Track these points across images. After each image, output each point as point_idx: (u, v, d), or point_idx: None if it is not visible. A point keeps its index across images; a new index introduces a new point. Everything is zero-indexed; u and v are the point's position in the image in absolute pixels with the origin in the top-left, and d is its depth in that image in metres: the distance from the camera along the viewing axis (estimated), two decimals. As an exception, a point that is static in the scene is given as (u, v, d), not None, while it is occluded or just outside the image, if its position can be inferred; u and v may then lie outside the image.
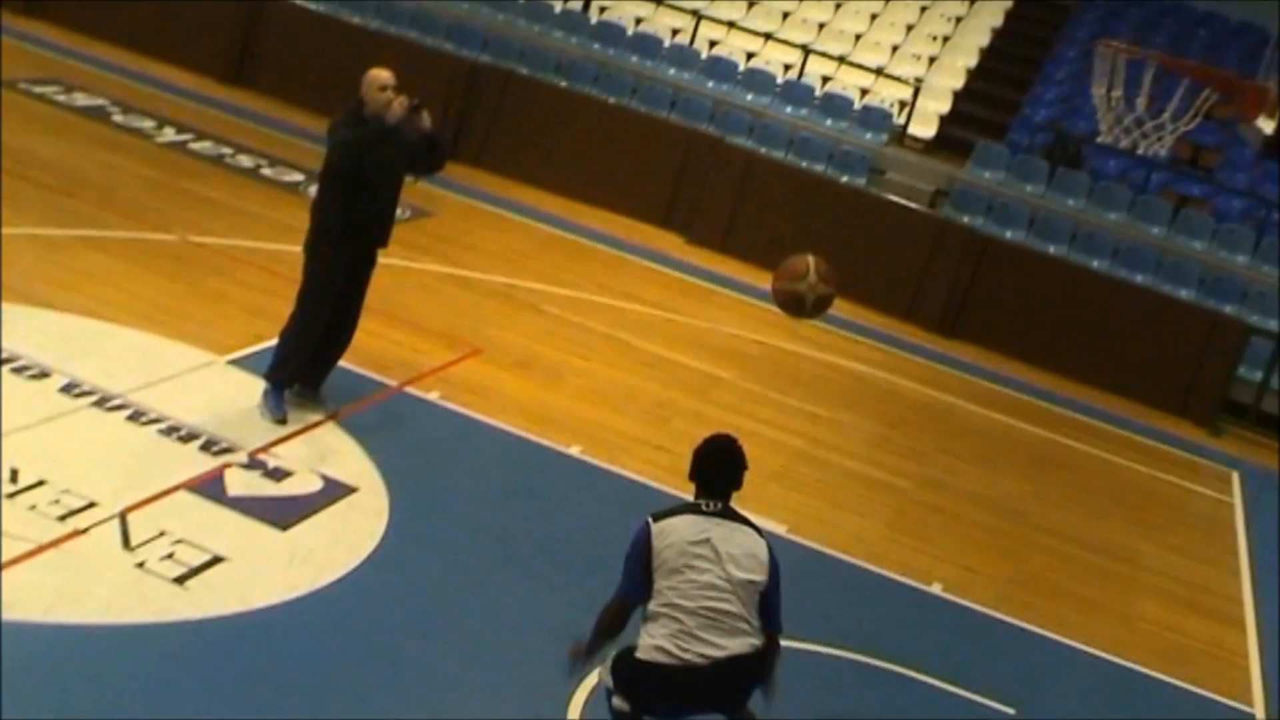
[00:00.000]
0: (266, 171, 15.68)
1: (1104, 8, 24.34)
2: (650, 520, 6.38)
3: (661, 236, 17.64)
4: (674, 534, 6.31)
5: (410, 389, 10.58)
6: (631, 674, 6.29)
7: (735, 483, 6.55)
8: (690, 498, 6.53)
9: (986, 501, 11.90)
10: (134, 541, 7.44)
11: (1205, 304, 17.44)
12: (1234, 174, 20.27)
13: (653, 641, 6.20)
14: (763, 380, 13.25)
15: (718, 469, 6.55)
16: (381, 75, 9.23)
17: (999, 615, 9.75)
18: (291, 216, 12.43)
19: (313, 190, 9.87)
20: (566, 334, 13.02)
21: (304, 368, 9.45)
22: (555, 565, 8.60)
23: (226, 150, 16.07)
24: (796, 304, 7.53)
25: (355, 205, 9.19)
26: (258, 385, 9.49)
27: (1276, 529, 13.82)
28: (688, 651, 6.14)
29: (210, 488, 8.22)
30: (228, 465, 8.54)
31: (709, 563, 6.26)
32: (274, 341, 9.55)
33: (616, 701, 6.34)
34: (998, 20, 23.63)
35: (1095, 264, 17.84)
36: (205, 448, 8.69)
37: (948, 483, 12.11)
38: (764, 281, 16.43)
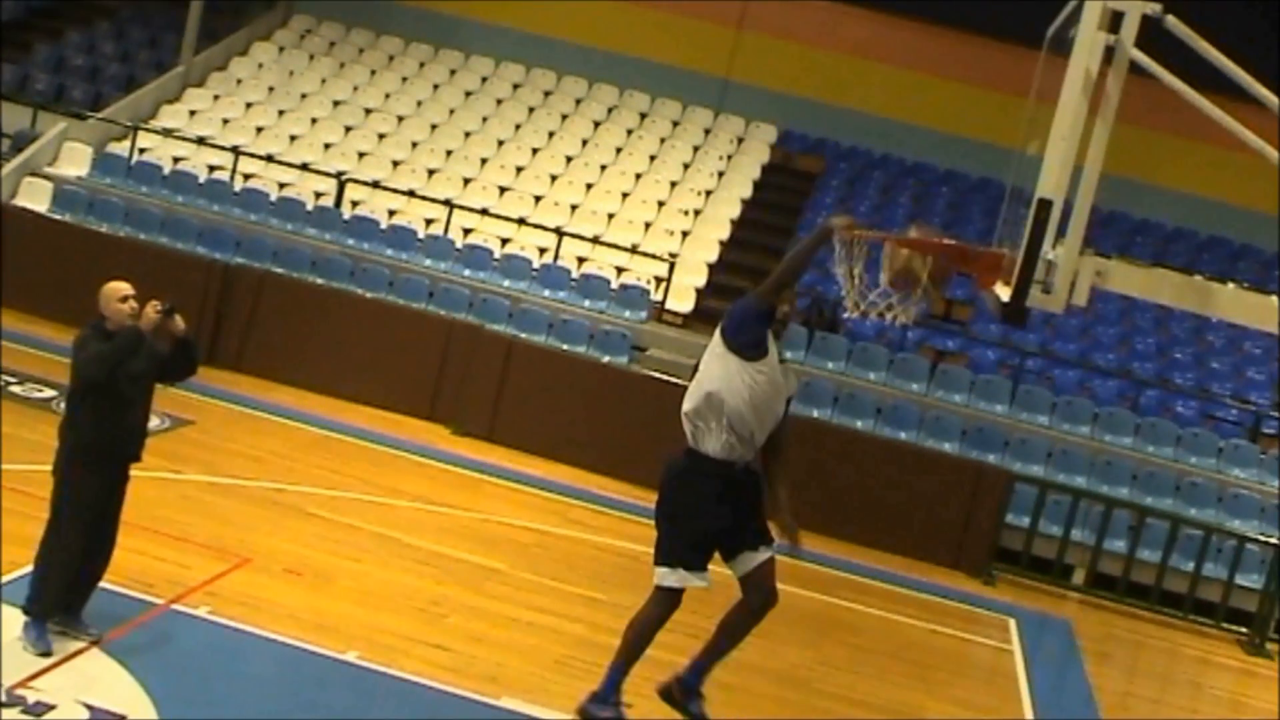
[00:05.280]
0: (15, 389, 15.23)
1: (848, 172, 25.12)
2: None
3: (428, 429, 17.56)
4: None
5: (178, 606, 10.23)
6: None
7: None
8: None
9: (770, 672, 11.86)
10: (-116, 799, 7.03)
11: (969, 455, 17.89)
12: (987, 325, 20.87)
13: None
14: (538, 568, 13.15)
15: None
16: (120, 287, 9.04)
17: (791, 789, 9.71)
18: (43, 435, 11.99)
19: (63, 406, 9.59)
20: (336, 536, 12.79)
21: (64, 595, 9.10)
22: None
23: (-29, 370, 15.61)
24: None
25: (107, 420, 8.95)
26: (12, 616, 9.09)
27: (1055, 673, 14.09)
28: None
29: (-34, 731, 7.84)
30: (-16, 705, 8.15)
31: None
32: (28, 569, 9.19)
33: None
34: (747, 191, 24.22)
35: (859, 424, 18.18)
36: (-41, 688, 8.29)
37: (730, 657, 12.00)
38: (532, 468, 16.54)
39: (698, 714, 9.14)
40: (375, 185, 22.43)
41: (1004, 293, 9.10)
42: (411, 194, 22.27)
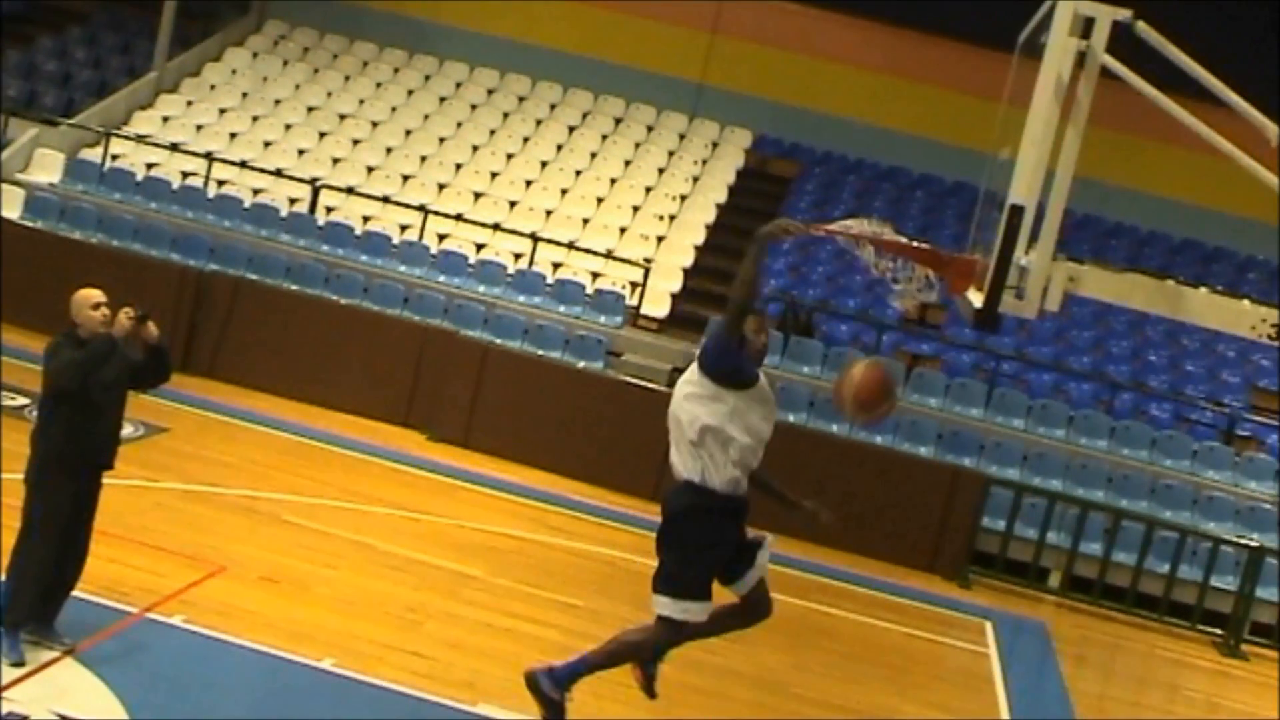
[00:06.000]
0: (-11, 398, 15.19)
1: (823, 177, 25.13)
2: None
3: (403, 435, 17.53)
4: None
5: (152, 614, 10.18)
6: None
7: None
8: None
9: (747, 677, 11.87)
10: None
11: (945, 459, 17.90)
12: (962, 329, 20.89)
13: None
14: (515, 574, 13.13)
15: None
16: (92, 294, 9.01)
17: (768, 794, 9.70)
18: (16, 443, 11.97)
19: (35, 414, 9.53)
20: (312, 543, 12.75)
21: (36, 604, 9.05)
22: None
23: (-56, 378, 15.52)
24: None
25: (80, 428, 8.91)
26: (-15, 626, 9.06)
27: (1031, 675, 14.10)
28: None
29: (-62, 742, 7.79)
30: (-44, 716, 8.11)
31: None
32: (1, 580, 9.15)
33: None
34: (721, 196, 24.22)
35: (834, 429, 18.16)
36: (-69, 699, 8.25)
37: (707, 661, 12.01)
38: (508, 473, 16.52)
39: (650, 675, 9.13)
40: (349, 191, 22.41)
41: (977, 298, 9.11)
42: (386, 200, 22.23)
